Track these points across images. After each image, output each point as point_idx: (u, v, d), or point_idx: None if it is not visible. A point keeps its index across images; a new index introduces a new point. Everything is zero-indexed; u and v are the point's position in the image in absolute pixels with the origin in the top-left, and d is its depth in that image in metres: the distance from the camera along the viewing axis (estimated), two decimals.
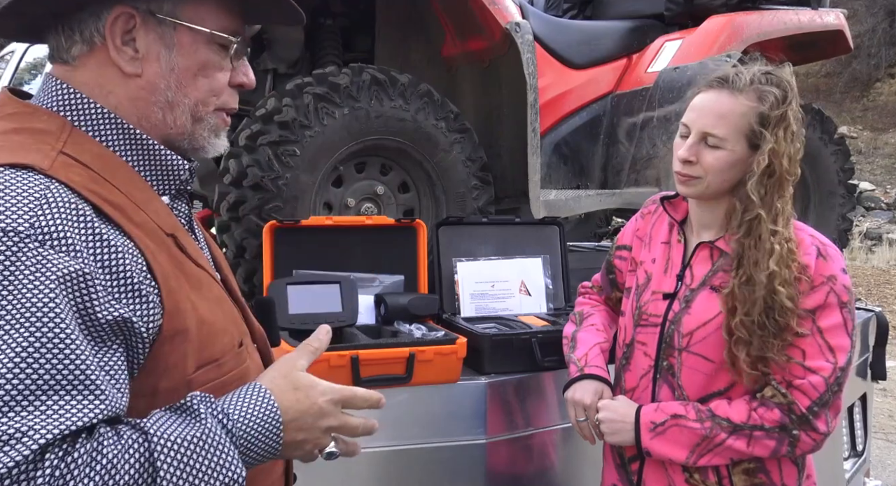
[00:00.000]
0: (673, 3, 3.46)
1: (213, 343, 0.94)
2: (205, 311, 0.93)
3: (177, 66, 0.95)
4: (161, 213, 0.95)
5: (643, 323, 1.62)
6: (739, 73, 1.50)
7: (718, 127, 1.47)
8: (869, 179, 15.15)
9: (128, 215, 0.87)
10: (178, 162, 0.99)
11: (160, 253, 0.89)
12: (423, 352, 1.87)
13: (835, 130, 3.58)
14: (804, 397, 1.45)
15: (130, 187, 0.91)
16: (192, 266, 0.95)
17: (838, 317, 1.46)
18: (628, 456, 1.63)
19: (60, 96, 0.93)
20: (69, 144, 0.89)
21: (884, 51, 17.45)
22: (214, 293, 0.98)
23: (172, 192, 1.01)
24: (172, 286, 0.88)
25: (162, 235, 0.92)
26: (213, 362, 0.93)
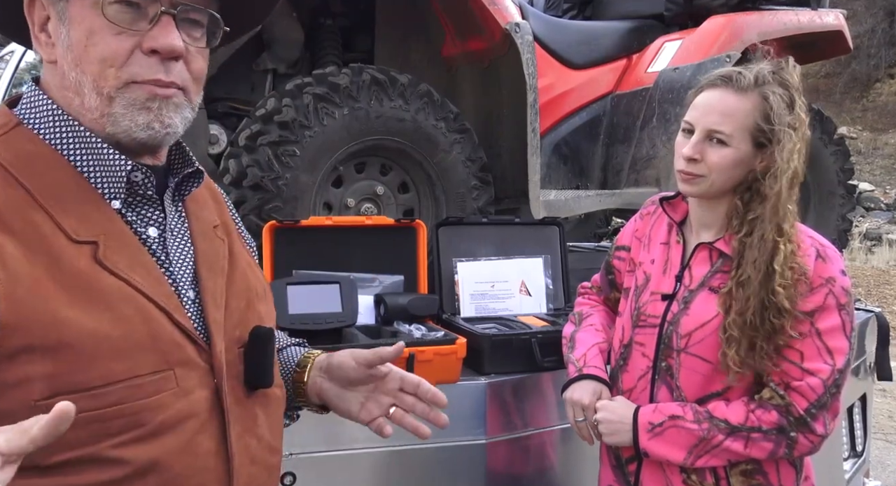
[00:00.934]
0: (673, 4, 3.46)
1: (88, 368, 0.79)
2: (84, 329, 0.79)
3: (71, 42, 0.87)
4: (91, 218, 0.85)
5: (641, 324, 1.62)
6: (744, 72, 1.49)
7: (724, 124, 1.47)
8: (868, 180, 15.16)
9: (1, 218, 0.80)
10: (112, 157, 0.88)
11: (26, 260, 0.79)
12: (423, 352, 1.87)
13: (834, 130, 3.58)
14: (802, 399, 1.45)
15: (55, 190, 0.84)
16: (102, 277, 0.83)
17: (837, 319, 1.46)
18: (625, 457, 1.63)
19: (26, 94, 0.91)
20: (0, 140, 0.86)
21: (883, 51, 17.47)
22: (124, 310, 0.83)
23: (122, 196, 0.90)
24: (21, 296, 0.77)
25: (57, 243, 0.82)
26: (85, 390, 0.79)
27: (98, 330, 0.80)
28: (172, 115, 0.90)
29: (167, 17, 0.88)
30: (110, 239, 0.86)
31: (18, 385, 0.76)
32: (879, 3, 17.45)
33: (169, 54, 0.88)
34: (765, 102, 1.46)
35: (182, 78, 0.90)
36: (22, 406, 0.76)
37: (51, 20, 0.88)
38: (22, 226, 0.81)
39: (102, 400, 0.80)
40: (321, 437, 1.23)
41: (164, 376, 0.85)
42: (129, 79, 0.87)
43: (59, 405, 0.66)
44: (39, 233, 0.81)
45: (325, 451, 1.73)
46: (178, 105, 0.90)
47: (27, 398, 0.76)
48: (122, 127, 0.88)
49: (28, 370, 0.77)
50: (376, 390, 1.17)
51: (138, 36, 0.87)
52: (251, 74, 2.86)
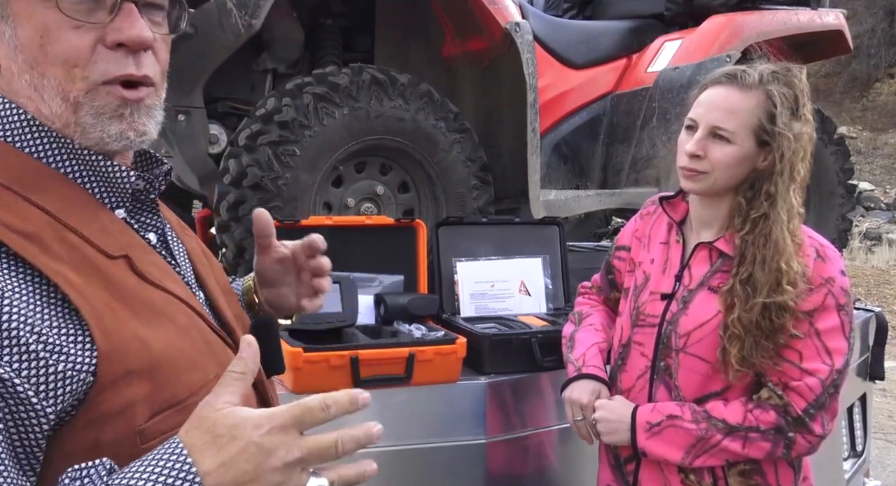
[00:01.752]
0: (673, 3, 3.46)
1: (175, 383, 0.77)
2: (162, 345, 0.77)
3: (20, 41, 0.76)
4: (110, 231, 0.80)
5: (641, 323, 1.62)
6: (749, 71, 1.50)
7: (728, 122, 1.47)
8: (868, 179, 15.16)
9: (42, 245, 0.72)
10: (114, 170, 0.82)
11: (91, 286, 0.74)
12: (423, 352, 1.87)
13: (834, 130, 3.58)
14: (800, 399, 1.45)
15: (65, 205, 0.77)
16: (149, 292, 0.80)
17: (836, 319, 1.46)
18: (624, 457, 1.63)
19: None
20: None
21: (883, 51, 17.47)
22: (180, 321, 0.82)
23: (127, 204, 0.85)
24: (107, 322, 0.73)
25: (101, 261, 0.76)
26: (176, 405, 0.77)
27: (173, 345, 0.79)
28: (146, 121, 0.82)
29: (128, 4, 0.79)
30: (135, 250, 0.81)
31: (123, 413, 0.73)
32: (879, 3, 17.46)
33: (138, 46, 0.79)
34: (769, 101, 1.46)
35: (153, 70, 0.82)
36: (127, 434, 0.73)
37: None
38: (66, 250, 0.74)
39: (190, 411, 0.74)
40: None
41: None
42: (98, 79, 0.78)
43: (246, 338, 0.74)
44: (82, 254, 0.75)
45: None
46: (151, 107, 0.83)
47: (132, 425, 0.74)
48: (92, 138, 0.79)
49: (129, 395, 0.73)
50: (296, 275, 1.18)
51: (98, 28, 0.77)
52: (251, 74, 2.86)
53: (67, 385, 0.70)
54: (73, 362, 0.70)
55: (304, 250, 1.17)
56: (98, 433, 0.72)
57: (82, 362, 0.70)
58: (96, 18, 0.77)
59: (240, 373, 0.72)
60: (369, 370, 1.83)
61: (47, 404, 0.68)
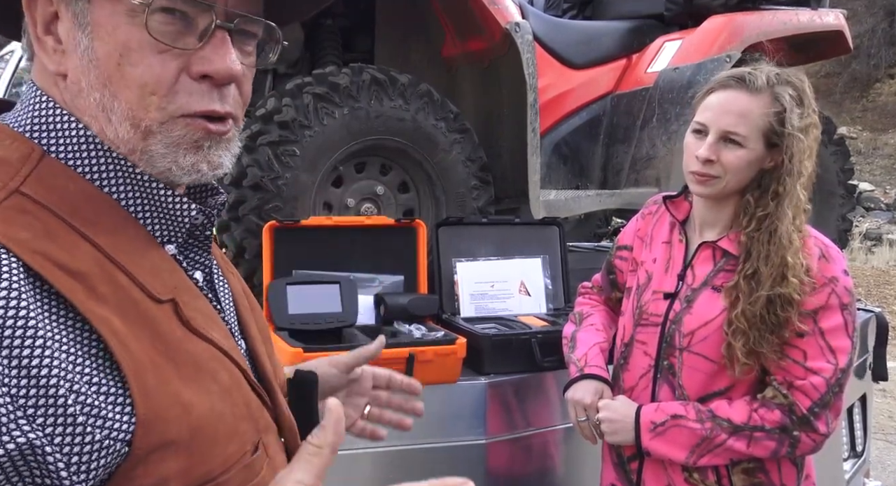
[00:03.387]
0: (673, 3, 3.46)
1: (213, 454, 0.67)
2: (203, 409, 0.66)
3: (96, 56, 0.68)
4: (159, 270, 0.70)
5: (643, 323, 1.62)
6: (755, 73, 1.50)
7: (740, 126, 1.47)
8: (869, 180, 15.16)
9: (89, 285, 0.63)
10: (177, 202, 0.72)
11: (136, 336, 0.64)
12: (423, 352, 1.87)
13: (835, 130, 3.58)
14: (805, 398, 1.45)
15: (115, 238, 0.67)
16: (194, 343, 0.70)
17: (839, 318, 1.47)
18: (627, 456, 1.63)
19: (36, 111, 0.70)
20: (32, 179, 0.65)
21: (883, 51, 17.47)
22: (223, 380, 0.71)
23: (181, 239, 0.75)
24: (151, 385, 0.63)
25: (147, 306, 0.67)
26: (210, 481, 0.67)
27: (214, 409, 0.68)
28: (222, 153, 0.73)
29: (221, 31, 0.70)
30: (182, 294, 0.71)
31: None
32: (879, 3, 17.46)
33: (226, 80, 0.71)
34: (777, 103, 1.47)
35: (236, 106, 0.74)
36: None
37: (61, 21, 0.68)
38: (112, 291, 0.64)
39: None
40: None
41: (261, 448, 0.74)
42: (176, 112, 0.69)
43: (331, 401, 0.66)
44: (130, 298, 0.65)
45: None
46: (230, 141, 0.74)
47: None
48: (159, 168, 0.71)
49: (163, 470, 0.63)
50: (351, 394, 1.14)
51: (185, 55, 0.69)
52: None
53: (102, 458, 0.60)
54: (109, 429, 0.60)
55: (378, 380, 1.13)
56: None
57: (119, 428, 0.61)
58: (184, 44, 0.69)
59: (316, 446, 0.65)
60: None
61: (77, 479, 0.59)
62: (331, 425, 0.65)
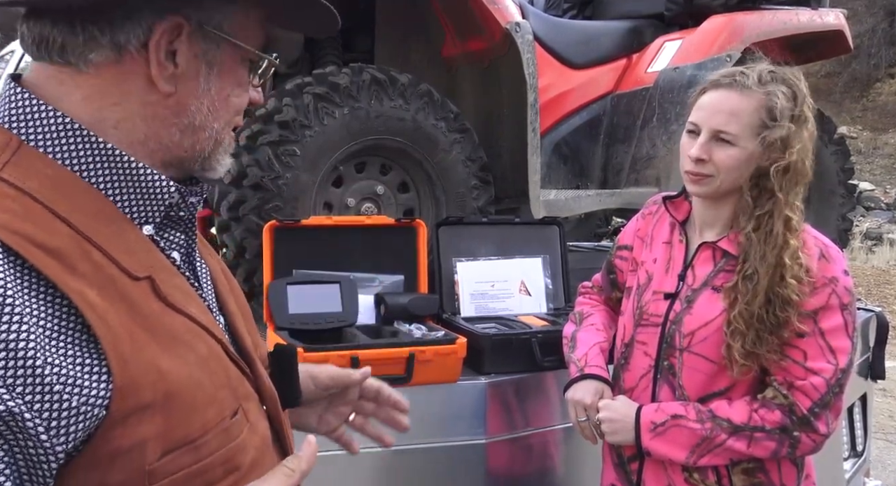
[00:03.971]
0: (673, 3, 3.45)
1: (191, 419, 0.73)
2: (180, 377, 0.73)
3: (213, 87, 0.83)
4: (135, 249, 0.76)
5: (644, 323, 1.62)
6: (746, 72, 1.50)
7: (731, 124, 1.48)
8: (869, 179, 15.16)
9: (67, 262, 0.68)
10: (161, 183, 0.80)
11: (113, 309, 0.70)
12: (423, 352, 1.87)
13: (835, 130, 3.58)
14: (805, 399, 1.45)
15: (92, 219, 0.73)
16: (171, 316, 0.76)
17: (839, 319, 1.47)
18: (627, 456, 1.63)
19: (13, 105, 0.76)
20: (10, 165, 0.72)
21: (883, 51, 17.47)
22: (200, 350, 0.77)
23: (158, 219, 0.82)
24: (126, 352, 0.69)
25: (125, 283, 0.73)
26: (189, 443, 0.73)
27: (192, 377, 0.74)
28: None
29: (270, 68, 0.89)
30: (159, 272, 0.78)
31: (132, 451, 0.69)
32: (879, 3, 17.45)
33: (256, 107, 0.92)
34: (769, 100, 1.47)
35: None
36: (137, 474, 0.70)
37: (182, 52, 0.79)
38: (90, 268, 0.70)
39: (204, 451, 0.75)
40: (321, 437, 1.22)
41: (240, 414, 0.81)
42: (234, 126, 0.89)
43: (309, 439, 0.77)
44: (107, 275, 0.71)
45: (325, 451, 1.72)
46: None
47: (141, 464, 0.70)
48: (209, 166, 0.86)
49: (141, 432, 0.69)
50: (334, 402, 1.15)
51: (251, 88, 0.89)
52: None
53: (80, 422, 0.66)
54: (87, 396, 0.66)
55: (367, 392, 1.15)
56: (104, 474, 0.68)
57: (96, 395, 0.67)
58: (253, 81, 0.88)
59: (290, 469, 0.74)
60: None
61: (58, 441, 0.65)
62: (305, 456, 0.75)
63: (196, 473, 0.74)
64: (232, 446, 0.78)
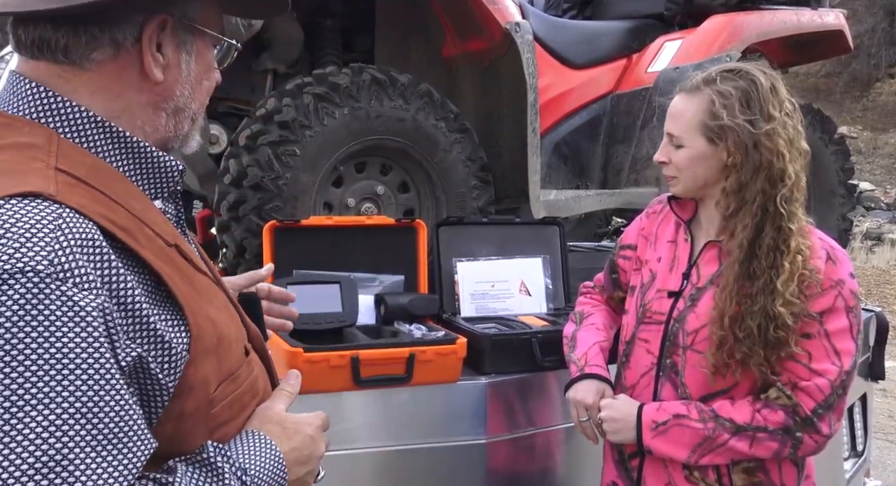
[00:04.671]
0: (673, 3, 3.45)
1: (229, 357, 0.90)
2: (222, 322, 0.89)
3: (192, 72, 0.94)
4: (160, 222, 0.89)
5: (647, 321, 1.62)
6: (695, 76, 1.57)
7: (675, 126, 1.57)
8: (869, 179, 15.15)
9: (135, 237, 0.81)
10: (171, 164, 0.93)
11: (172, 272, 0.83)
12: (423, 352, 1.87)
13: (835, 130, 3.57)
14: (809, 400, 1.45)
15: (128, 198, 0.85)
16: (199, 276, 0.90)
17: (845, 321, 1.47)
18: (628, 453, 1.64)
19: (38, 101, 0.84)
20: (61, 157, 0.81)
21: (884, 51, 17.46)
22: (221, 301, 0.94)
23: (164, 195, 0.95)
24: (193, 307, 0.84)
25: (167, 250, 0.86)
26: (230, 376, 0.90)
27: (225, 322, 0.91)
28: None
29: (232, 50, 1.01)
30: (178, 239, 0.91)
31: (202, 385, 0.84)
32: (879, 3, 17.44)
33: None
34: (709, 99, 1.50)
35: None
36: (202, 403, 0.85)
37: (166, 44, 0.90)
38: (147, 240, 0.83)
39: (238, 381, 0.92)
40: None
41: (249, 352, 0.98)
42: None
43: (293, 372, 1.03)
44: (158, 244, 0.85)
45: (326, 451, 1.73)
46: None
47: (206, 395, 0.85)
48: (185, 143, 0.98)
49: (206, 369, 0.85)
50: None
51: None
52: (251, 74, 2.86)
53: (180, 364, 0.81)
54: (179, 343, 0.81)
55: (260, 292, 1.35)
56: (183, 403, 0.82)
57: (181, 342, 0.82)
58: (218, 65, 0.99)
59: (289, 392, 1.00)
60: (369, 370, 1.83)
61: (169, 380, 0.80)
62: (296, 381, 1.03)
63: (236, 398, 0.91)
64: (252, 376, 0.96)
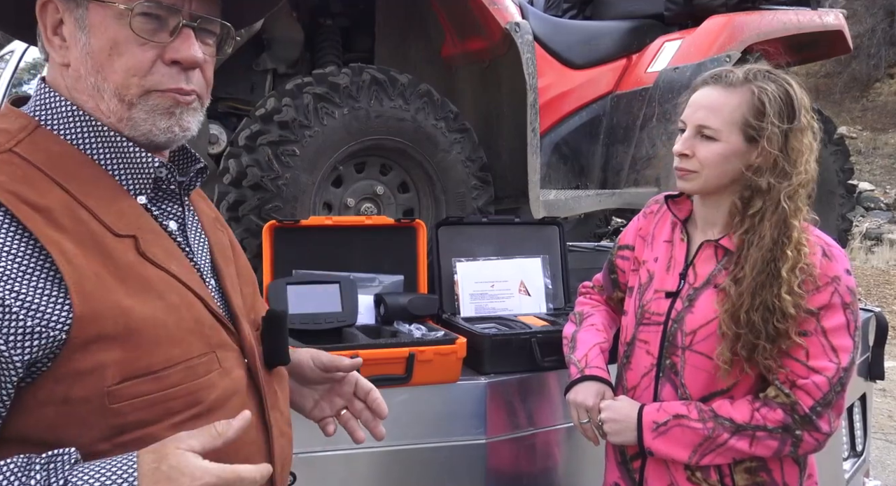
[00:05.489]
0: (673, 3, 3.46)
1: (152, 353, 0.85)
2: (143, 315, 0.85)
3: (91, 49, 0.90)
4: (125, 213, 0.90)
5: (646, 322, 1.62)
6: (734, 70, 1.52)
7: (711, 119, 1.49)
8: (868, 179, 15.14)
9: (51, 218, 0.83)
10: (144, 158, 0.93)
11: (85, 256, 0.83)
12: (423, 352, 1.87)
13: (834, 130, 3.58)
14: (807, 397, 1.45)
15: (89, 188, 0.88)
16: (148, 269, 0.89)
17: (842, 318, 1.47)
18: (630, 454, 1.63)
19: (38, 95, 0.93)
20: (25, 143, 0.87)
21: (883, 51, 17.45)
22: (171, 299, 0.89)
23: (149, 192, 0.96)
24: (88, 288, 0.82)
25: (106, 238, 0.86)
26: (150, 374, 0.85)
27: (156, 317, 0.86)
28: (190, 119, 0.96)
29: (187, 29, 0.92)
30: (145, 233, 0.91)
31: (92, 373, 0.81)
32: (879, 3, 17.43)
33: (190, 65, 0.93)
34: (754, 97, 1.47)
35: (199, 85, 0.96)
36: (96, 393, 0.81)
37: (65, 24, 0.90)
38: (72, 224, 0.84)
39: (165, 382, 0.86)
40: (321, 437, 1.23)
41: (210, 358, 0.92)
42: (150, 87, 0.91)
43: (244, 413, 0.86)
44: (88, 230, 0.85)
45: (325, 451, 1.73)
46: (195, 110, 0.97)
47: (101, 385, 0.82)
48: (141, 130, 0.92)
49: (101, 358, 0.81)
50: (332, 391, 1.23)
51: (160, 47, 0.91)
52: (251, 74, 2.86)
53: (36, 340, 0.79)
54: (46, 320, 0.79)
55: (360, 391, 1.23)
56: (68, 389, 0.80)
57: (56, 320, 0.80)
58: (159, 38, 0.91)
59: (218, 433, 0.83)
60: (369, 370, 1.82)
61: (15, 353, 0.78)
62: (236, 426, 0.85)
63: (157, 400, 0.85)
64: (196, 382, 0.89)
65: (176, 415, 0.87)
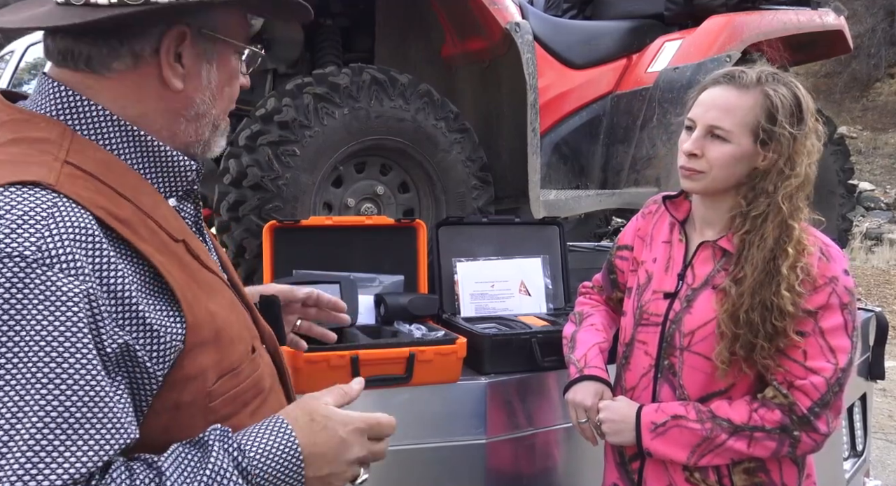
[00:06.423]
0: (673, 3, 3.45)
1: (231, 352, 0.92)
2: (221, 318, 0.91)
3: (214, 80, 0.97)
4: (169, 218, 0.92)
5: (644, 322, 1.62)
6: (747, 71, 1.51)
7: (724, 121, 1.48)
8: (869, 179, 15.14)
9: (135, 230, 0.85)
10: (185, 163, 0.97)
11: (172, 265, 0.87)
12: (423, 352, 1.87)
13: (834, 130, 3.58)
14: (805, 398, 1.45)
15: (137, 193, 0.89)
16: (205, 272, 0.93)
17: (839, 318, 1.46)
18: (629, 455, 1.64)
19: (59, 100, 0.90)
20: (72, 151, 0.86)
21: (883, 51, 17.44)
22: (226, 298, 0.96)
23: (179, 193, 0.99)
24: (190, 299, 0.86)
25: (171, 244, 0.89)
26: (231, 371, 0.92)
27: (228, 318, 0.93)
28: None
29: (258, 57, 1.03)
30: (187, 235, 0.94)
31: (197, 377, 0.87)
32: (879, 3, 17.43)
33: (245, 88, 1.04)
34: (767, 100, 1.46)
35: None
36: (200, 395, 0.88)
37: (187, 55, 0.94)
38: (149, 233, 0.87)
39: (240, 377, 0.94)
40: None
41: (256, 350, 1.00)
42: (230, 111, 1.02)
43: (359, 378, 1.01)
44: (161, 239, 0.88)
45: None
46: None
47: (203, 388, 0.88)
48: (209, 148, 1.01)
49: (202, 362, 0.87)
50: (284, 312, 1.32)
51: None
52: (251, 74, 2.86)
53: (171, 353, 0.84)
54: (171, 333, 0.84)
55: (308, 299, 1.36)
56: (178, 394, 0.86)
57: (175, 332, 0.84)
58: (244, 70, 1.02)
59: (345, 392, 0.97)
60: (369, 370, 1.83)
61: (157, 369, 0.83)
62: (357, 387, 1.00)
63: (238, 394, 0.93)
64: (256, 374, 0.97)
65: (250, 404, 0.95)
